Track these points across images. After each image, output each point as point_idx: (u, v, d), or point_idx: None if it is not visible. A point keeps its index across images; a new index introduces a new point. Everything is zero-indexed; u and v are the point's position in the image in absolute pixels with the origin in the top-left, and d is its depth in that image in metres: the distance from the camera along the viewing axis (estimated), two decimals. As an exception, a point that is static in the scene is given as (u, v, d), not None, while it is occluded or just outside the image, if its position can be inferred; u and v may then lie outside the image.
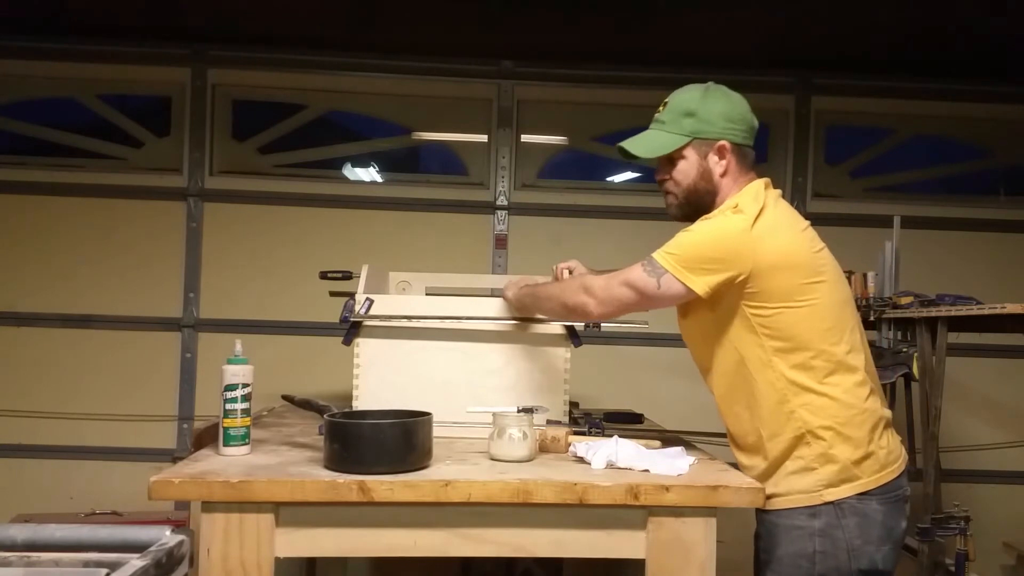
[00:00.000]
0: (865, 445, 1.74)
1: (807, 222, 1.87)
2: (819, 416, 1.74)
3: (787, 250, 1.75)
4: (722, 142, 1.83)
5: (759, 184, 1.84)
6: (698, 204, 1.86)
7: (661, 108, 1.90)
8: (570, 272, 2.11)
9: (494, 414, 1.87)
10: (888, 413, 1.84)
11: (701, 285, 1.72)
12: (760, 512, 1.83)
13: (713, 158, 1.84)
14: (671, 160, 1.87)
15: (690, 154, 1.85)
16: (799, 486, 1.75)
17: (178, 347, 3.77)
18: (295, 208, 3.83)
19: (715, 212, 1.81)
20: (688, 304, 1.83)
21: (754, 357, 1.76)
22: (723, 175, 1.85)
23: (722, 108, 1.84)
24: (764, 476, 1.80)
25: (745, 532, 1.95)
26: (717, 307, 1.78)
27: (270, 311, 3.78)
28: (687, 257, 1.73)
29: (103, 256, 3.77)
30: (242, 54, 3.81)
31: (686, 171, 1.85)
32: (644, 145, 1.89)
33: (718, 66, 3.76)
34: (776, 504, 1.78)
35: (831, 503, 1.73)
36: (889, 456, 1.78)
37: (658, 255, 1.76)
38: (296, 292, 3.68)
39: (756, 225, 1.73)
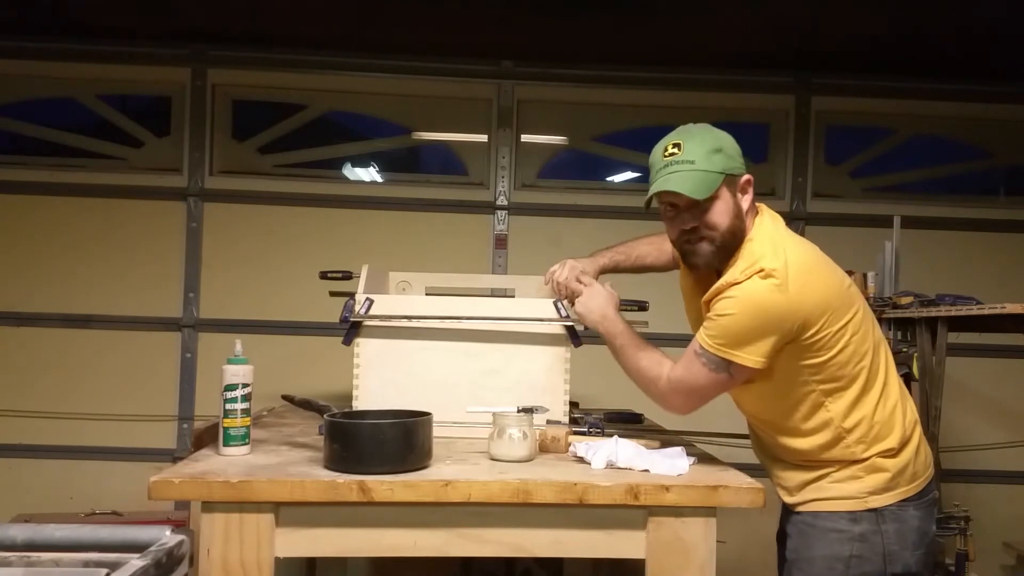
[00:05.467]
0: (908, 455, 1.76)
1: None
2: (868, 436, 1.73)
3: (825, 298, 1.69)
4: (747, 176, 1.76)
5: (768, 222, 1.77)
6: (732, 247, 1.74)
7: (675, 150, 1.72)
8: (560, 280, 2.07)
9: (494, 414, 1.86)
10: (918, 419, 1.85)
11: (760, 361, 1.68)
12: (791, 512, 1.83)
13: (739, 194, 1.75)
14: (702, 205, 1.72)
15: (724, 193, 1.72)
16: (844, 492, 1.75)
17: (178, 347, 3.78)
18: (295, 208, 3.83)
19: (739, 275, 1.69)
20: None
21: (807, 401, 1.74)
22: (748, 210, 1.76)
23: (733, 142, 1.76)
24: (803, 484, 1.80)
25: (746, 533, 1.94)
26: (773, 371, 1.72)
27: (270, 311, 3.78)
28: (739, 341, 1.67)
29: (103, 256, 3.77)
30: (242, 54, 3.81)
31: (723, 212, 1.72)
32: (689, 184, 1.69)
33: (718, 66, 3.78)
34: (815, 507, 1.77)
35: (874, 510, 1.73)
36: (925, 462, 1.81)
37: (712, 348, 1.70)
38: (296, 292, 3.68)
39: (790, 282, 1.65)
